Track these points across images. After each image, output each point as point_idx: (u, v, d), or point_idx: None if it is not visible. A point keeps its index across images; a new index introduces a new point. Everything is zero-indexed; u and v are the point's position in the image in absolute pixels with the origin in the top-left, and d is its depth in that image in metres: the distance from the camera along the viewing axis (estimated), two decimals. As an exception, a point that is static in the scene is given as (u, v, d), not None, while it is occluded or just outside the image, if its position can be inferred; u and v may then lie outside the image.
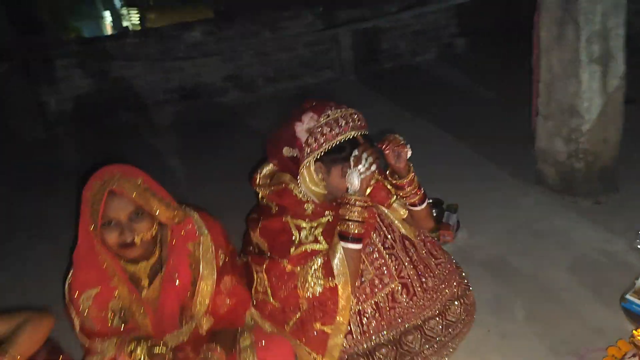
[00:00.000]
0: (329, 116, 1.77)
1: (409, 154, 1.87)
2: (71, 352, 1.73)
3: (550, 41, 2.71)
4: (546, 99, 2.83)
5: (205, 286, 1.72)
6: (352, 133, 1.77)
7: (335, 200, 1.84)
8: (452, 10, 6.58)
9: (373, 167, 1.73)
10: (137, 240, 1.57)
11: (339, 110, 1.80)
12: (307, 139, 1.77)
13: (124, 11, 20.42)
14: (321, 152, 1.75)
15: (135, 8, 19.00)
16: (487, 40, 6.70)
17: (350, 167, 1.73)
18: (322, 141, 1.74)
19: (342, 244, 1.74)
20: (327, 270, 1.72)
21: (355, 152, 1.75)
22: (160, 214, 1.60)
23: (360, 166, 1.72)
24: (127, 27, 18.62)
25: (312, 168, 1.81)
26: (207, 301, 1.73)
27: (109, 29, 19.67)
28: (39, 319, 1.61)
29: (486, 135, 3.91)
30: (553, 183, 2.95)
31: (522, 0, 5.30)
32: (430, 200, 2.80)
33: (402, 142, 1.85)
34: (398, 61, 6.61)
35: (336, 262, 1.72)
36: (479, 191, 3.11)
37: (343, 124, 1.76)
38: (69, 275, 1.67)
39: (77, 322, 1.65)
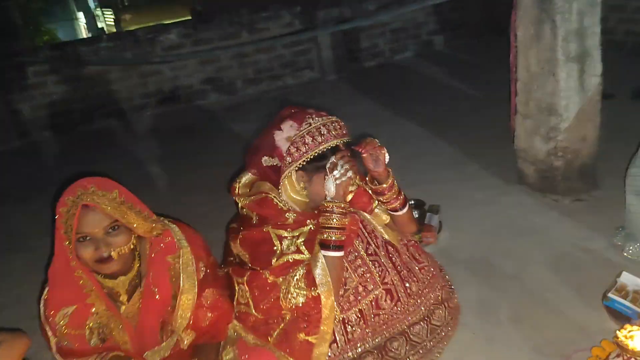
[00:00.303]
0: (310, 125, 1.75)
1: (387, 157, 1.85)
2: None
3: (528, 40, 2.71)
4: (524, 98, 2.84)
5: (187, 300, 1.69)
6: (335, 142, 1.75)
7: (317, 209, 1.82)
8: (430, 7, 6.59)
9: (349, 173, 1.71)
10: (114, 254, 1.53)
11: (320, 119, 1.77)
12: (288, 148, 1.75)
13: (98, 12, 20.16)
14: (303, 161, 1.73)
15: (110, 9, 18.78)
16: (467, 37, 6.74)
17: (326, 175, 1.72)
18: (304, 150, 1.72)
19: (323, 252, 1.72)
20: (310, 280, 1.70)
21: (332, 159, 1.73)
22: (138, 227, 1.58)
23: (335, 172, 1.70)
24: (102, 28, 18.40)
25: (294, 177, 1.79)
26: (188, 315, 1.70)
27: (83, 31, 19.40)
28: (13, 340, 1.56)
29: (467, 134, 3.91)
30: (533, 182, 2.96)
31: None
32: (412, 202, 2.82)
33: (379, 144, 1.83)
34: (378, 59, 6.61)
35: (318, 271, 1.70)
36: (461, 191, 3.11)
37: (325, 133, 1.74)
38: (44, 293, 1.62)
39: (53, 342, 1.61)
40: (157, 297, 1.66)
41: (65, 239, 1.50)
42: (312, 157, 1.73)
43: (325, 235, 1.73)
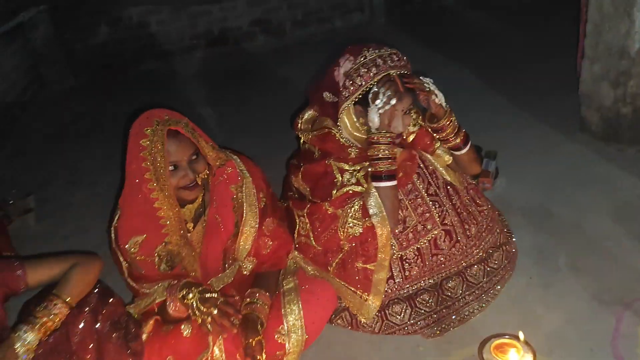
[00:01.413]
0: (365, 57, 1.71)
1: (442, 97, 1.80)
2: (121, 294, 1.76)
3: (602, -23, 2.55)
4: (594, 40, 2.69)
5: (249, 228, 1.72)
6: (391, 72, 1.70)
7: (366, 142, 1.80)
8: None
9: (393, 101, 1.67)
10: (199, 180, 1.58)
11: (376, 51, 1.73)
12: (344, 82, 1.72)
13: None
14: (359, 94, 1.69)
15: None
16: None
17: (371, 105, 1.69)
18: (359, 83, 1.68)
19: (375, 183, 1.73)
20: (365, 210, 1.72)
21: (374, 89, 1.69)
22: (208, 154, 1.62)
23: (377, 101, 1.67)
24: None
25: (352, 112, 1.76)
26: (249, 243, 1.73)
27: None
28: (88, 262, 1.63)
29: (527, 81, 3.76)
30: (597, 130, 2.84)
31: None
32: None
33: (428, 88, 1.76)
34: (431, 3, 6.35)
35: (371, 202, 1.72)
36: (519, 138, 3.02)
37: (381, 64, 1.69)
38: (114, 221, 1.68)
39: (125, 267, 1.67)
40: (220, 225, 1.70)
41: (147, 170, 1.51)
42: (366, 89, 1.69)
43: (376, 167, 1.73)
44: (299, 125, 1.90)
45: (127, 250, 1.61)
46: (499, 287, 1.94)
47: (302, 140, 1.90)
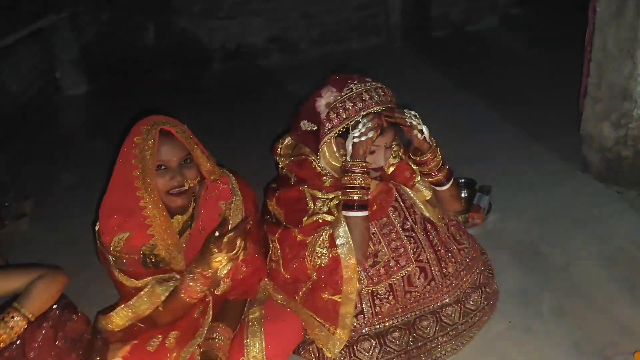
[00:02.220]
0: (352, 90, 1.69)
1: (425, 131, 1.76)
2: (85, 310, 1.75)
3: (607, 17, 2.50)
4: (597, 80, 2.64)
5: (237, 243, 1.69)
6: (377, 108, 1.68)
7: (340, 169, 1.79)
8: (510, -24, 6.23)
9: (370, 134, 1.65)
10: (187, 186, 1.57)
11: (362, 85, 1.71)
12: (328, 114, 1.70)
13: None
14: (342, 127, 1.68)
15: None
16: (548, 10, 6.32)
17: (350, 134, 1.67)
18: (344, 116, 1.68)
19: (345, 213, 1.71)
20: (333, 240, 1.70)
21: (357, 119, 1.67)
22: (202, 165, 1.63)
23: (355, 131, 1.65)
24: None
25: (334, 143, 1.75)
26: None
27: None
28: (52, 276, 1.62)
29: (533, 113, 3.70)
30: (597, 170, 2.77)
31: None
32: (462, 180, 2.72)
33: (410, 122, 1.73)
34: (449, 29, 6.33)
35: (339, 232, 1.70)
36: (517, 173, 2.96)
37: (367, 99, 1.68)
38: (99, 220, 1.66)
39: (111, 261, 1.64)
40: (203, 238, 1.67)
41: (135, 167, 1.52)
42: (350, 124, 1.68)
43: (348, 196, 1.70)
44: (279, 150, 1.89)
45: (112, 248, 1.60)
46: (475, 329, 1.89)
47: (280, 166, 1.89)
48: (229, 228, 1.59)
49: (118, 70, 5.73)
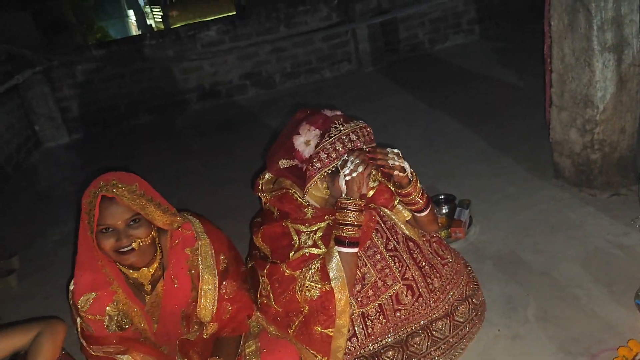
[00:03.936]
0: (340, 131, 1.74)
1: (407, 167, 1.82)
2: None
3: (562, 30, 2.64)
4: (559, 90, 2.76)
5: (207, 289, 1.72)
6: (363, 148, 1.75)
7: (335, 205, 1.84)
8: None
9: (360, 169, 1.71)
10: (135, 245, 1.58)
11: (349, 125, 1.77)
12: (317, 154, 1.74)
13: (147, 10, 20.71)
14: (333, 167, 1.74)
15: (158, 6, 19.26)
16: (508, 25, 6.56)
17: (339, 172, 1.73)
18: (334, 156, 1.72)
19: (338, 248, 1.74)
20: (324, 274, 1.73)
21: (344, 157, 1.73)
22: (157, 220, 1.62)
23: (345, 169, 1.71)
24: (150, 25, 18.90)
25: (319, 179, 1.80)
26: (211, 305, 1.73)
27: (133, 28, 19.96)
28: (53, 328, 1.64)
29: (504, 126, 3.84)
30: (569, 176, 2.88)
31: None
32: (442, 197, 2.80)
33: (392, 163, 1.79)
34: (417, 50, 6.53)
35: (332, 265, 1.73)
36: (493, 185, 3.06)
37: (355, 139, 1.74)
38: (72, 280, 1.70)
39: (79, 324, 1.68)
40: (176, 286, 1.71)
41: (88, 228, 1.56)
42: (339, 163, 1.74)
43: (340, 232, 1.75)
44: (260, 186, 1.94)
45: (79, 308, 1.63)
46: (466, 341, 1.94)
47: (263, 201, 1.94)
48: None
49: (96, 119, 5.79)
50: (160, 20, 19.59)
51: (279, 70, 6.19)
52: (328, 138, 1.74)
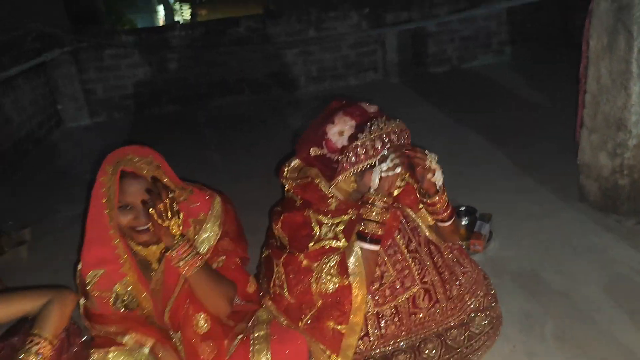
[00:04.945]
0: (381, 129, 1.70)
1: (439, 177, 1.76)
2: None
3: (600, 50, 2.59)
4: (592, 111, 2.71)
5: (209, 228, 1.71)
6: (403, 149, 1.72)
7: (361, 200, 1.80)
8: (502, 16, 6.43)
9: (398, 169, 1.67)
10: (151, 226, 1.57)
11: (392, 125, 1.72)
12: (355, 148, 1.71)
13: (176, 6, 20.96)
14: (369, 164, 1.70)
15: (188, 4, 19.49)
16: (539, 49, 6.52)
17: (376, 166, 1.69)
18: (371, 154, 1.68)
19: (359, 243, 1.70)
20: (343, 268, 1.69)
21: (384, 152, 1.69)
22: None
23: (384, 165, 1.66)
24: (178, 21, 19.12)
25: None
26: (209, 243, 1.70)
27: (161, 23, 20.19)
28: (63, 297, 1.61)
29: (530, 146, 3.78)
30: (595, 199, 2.82)
31: (576, 7, 5.15)
32: (463, 208, 2.76)
33: (429, 165, 1.74)
34: (444, 66, 6.50)
35: (352, 260, 1.69)
36: (516, 202, 3.00)
37: (395, 140, 1.70)
38: (80, 257, 1.67)
39: (82, 303, 1.67)
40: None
41: (106, 207, 1.54)
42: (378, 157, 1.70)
43: (364, 227, 1.71)
44: (285, 173, 1.91)
45: (86, 284, 1.61)
46: (480, 353, 1.88)
47: (286, 188, 1.91)
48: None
49: (119, 105, 5.82)
50: (189, 18, 19.82)
51: (305, 73, 6.19)
52: (368, 134, 1.69)
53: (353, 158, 1.70)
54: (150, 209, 1.52)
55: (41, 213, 3.55)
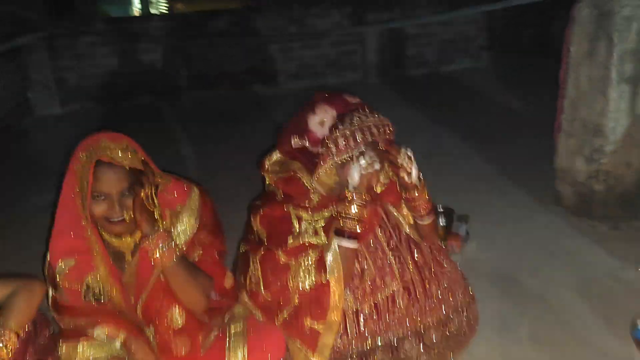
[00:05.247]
0: (363, 122, 1.67)
1: (414, 173, 1.76)
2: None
3: (580, 56, 2.63)
4: (570, 116, 2.74)
5: (185, 220, 1.66)
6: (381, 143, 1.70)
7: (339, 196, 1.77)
8: (482, 22, 6.51)
9: (376, 166, 1.65)
10: (127, 217, 1.52)
11: (374, 118, 1.70)
12: (335, 139, 1.67)
13: (152, -1, 20.62)
14: (348, 156, 1.67)
15: (165, -4, 19.18)
16: (516, 56, 6.60)
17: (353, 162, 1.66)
18: (352, 145, 1.65)
19: (337, 240, 1.67)
20: (321, 265, 1.66)
21: (362, 148, 1.67)
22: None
23: (362, 161, 1.64)
24: (154, 14, 18.80)
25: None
26: (188, 231, 1.66)
27: (136, 14, 19.82)
28: (31, 286, 1.55)
29: (506, 150, 3.82)
30: (570, 204, 2.85)
31: (555, 16, 5.23)
32: (441, 210, 2.75)
33: (401, 163, 1.74)
34: (423, 69, 6.54)
35: (330, 257, 1.66)
36: (493, 205, 3.03)
37: (376, 134, 1.67)
38: (48, 247, 1.61)
39: (51, 293, 1.61)
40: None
41: (79, 195, 1.48)
42: (356, 154, 1.67)
43: (341, 223, 1.68)
44: (266, 166, 1.87)
45: (56, 276, 1.55)
46: (456, 353, 1.87)
47: (267, 182, 1.87)
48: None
49: (92, 94, 5.68)
50: (166, 10, 19.49)
51: (285, 69, 6.15)
52: (349, 124, 1.66)
53: (333, 149, 1.67)
54: (131, 197, 1.47)
55: (8, 201, 3.44)
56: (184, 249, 1.64)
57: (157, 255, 1.51)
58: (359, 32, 6.16)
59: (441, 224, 2.71)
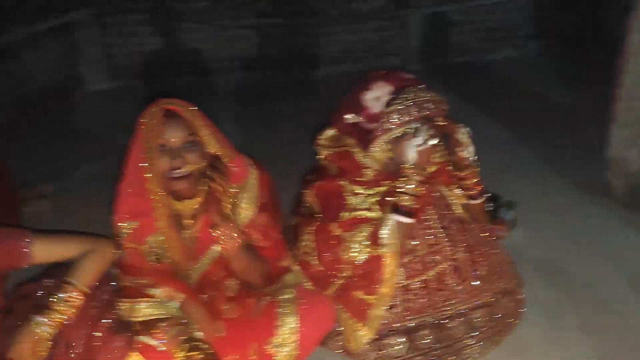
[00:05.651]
0: (416, 97, 1.69)
1: (469, 151, 1.80)
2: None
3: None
4: (626, 105, 2.67)
5: (245, 206, 1.67)
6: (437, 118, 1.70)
7: (396, 172, 1.78)
8: (528, 9, 6.34)
9: (431, 142, 1.66)
10: (188, 169, 1.54)
11: (429, 94, 1.72)
12: (390, 114, 1.69)
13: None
14: (403, 131, 1.68)
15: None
16: (566, 46, 6.42)
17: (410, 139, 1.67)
18: (406, 120, 1.67)
19: (394, 216, 1.68)
20: (374, 239, 1.68)
21: (418, 125, 1.68)
22: (212, 146, 1.60)
23: (418, 139, 1.65)
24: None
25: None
26: (249, 213, 1.67)
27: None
28: (103, 248, 1.60)
29: (553, 140, 3.72)
30: (621, 196, 2.79)
31: (611, 7, 5.08)
32: (489, 194, 2.72)
33: (461, 138, 1.77)
34: (467, 56, 6.42)
35: (385, 232, 1.68)
36: (541, 195, 2.97)
37: (431, 109, 1.69)
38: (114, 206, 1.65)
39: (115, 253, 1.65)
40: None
41: (142, 149, 1.53)
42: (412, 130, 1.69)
43: (398, 200, 1.69)
44: (320, 141, 1.89)
45: (119, 236, 1.60)
46: (503, 334, 1.88)
47: (321, 156, 1.89)
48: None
49: (138, 71, 5.78)
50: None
51: (325, 53, 6.13)
52: (404, 99, 1.67)
53: (387, 124, 1.69)
54: (195, 151, 1.53)
55: (61, 170, 3.55)
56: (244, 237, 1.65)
57: (223, 244, 1.55)
58: (402, 17, 6.09)
59: (488, 209, 2.70)
